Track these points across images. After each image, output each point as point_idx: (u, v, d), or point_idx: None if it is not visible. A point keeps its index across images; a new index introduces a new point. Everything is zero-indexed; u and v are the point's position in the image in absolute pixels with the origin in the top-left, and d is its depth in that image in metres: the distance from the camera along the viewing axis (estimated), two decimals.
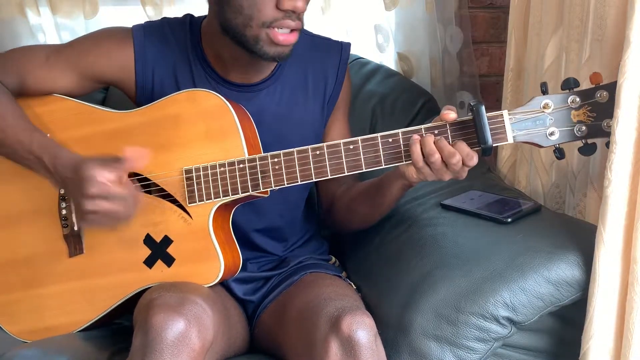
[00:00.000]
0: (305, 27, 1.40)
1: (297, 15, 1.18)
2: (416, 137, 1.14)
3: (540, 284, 1.16)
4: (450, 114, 1.13)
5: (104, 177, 1.13)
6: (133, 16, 1.84)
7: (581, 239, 1.19)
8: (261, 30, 1.18)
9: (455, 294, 1.18)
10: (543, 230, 1.26)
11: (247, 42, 1.20)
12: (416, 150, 1.14)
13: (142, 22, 1.36)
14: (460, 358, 1.17)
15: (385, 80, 1.77)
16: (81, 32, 1.82)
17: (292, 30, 1.20)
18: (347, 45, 1.40)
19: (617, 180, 1.11)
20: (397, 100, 1.72)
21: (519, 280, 1.16)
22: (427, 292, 1.20)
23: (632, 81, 1.07)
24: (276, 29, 1.18)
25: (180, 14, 1.38)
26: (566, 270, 1.16)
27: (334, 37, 1.43)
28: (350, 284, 1.37)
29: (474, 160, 1.13)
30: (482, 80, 1.97)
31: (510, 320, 1.17)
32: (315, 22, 1.84)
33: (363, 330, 1.06)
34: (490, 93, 2.00)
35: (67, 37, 1.83)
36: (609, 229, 1.12)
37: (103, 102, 1.69)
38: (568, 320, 1.23)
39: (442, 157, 1.13)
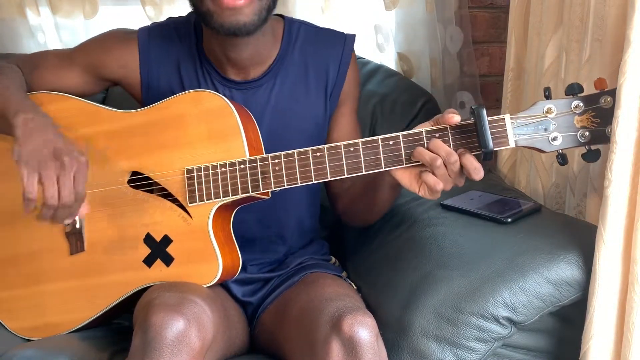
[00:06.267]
0: None
1: None
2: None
3: (540, 284, 1.16)
4: (454, 117, 1.10)
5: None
6: (133, 16, 1.84)
7: (581, 239, 1.19)
8: (208, 1, 1.18)
9: (455, 294, 1.18)
10: (543, 230, 1.26)
11: (207, 21, 1.21)
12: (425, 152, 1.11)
13: (149, 24, 1.38)
14: (460, 358, 1.17)
15: (385, 80, 1.77)
16: (81, 32, 1.83)
17: None
18: (351, 37, 1.37)
19: (618, 180, 1.11)
20: (397, 100, 1.72)
21: (519, 281, 1.16)
22: (427, 293, 1.20)
23: (632, 81, 1.07)
24: None
25: (180, 14, 1.39)
26: (566, 270, 1.16)
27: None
28: (350, 284, 1.37)
29: (480, 174, 1.09)
30: (482, 80, 1.97)
31: (510, 321, 1.17)
32: (316, 22, 1.83)
33: (365, 330, 1.06)
34: (490, 93, 2.00)
35: (66, 37, 1.83)
36: (609, 229, 1.12)
37: (103, 102, 1.69)
38: (568, 320, 1.23)
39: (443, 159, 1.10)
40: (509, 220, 1.30)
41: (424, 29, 1.87)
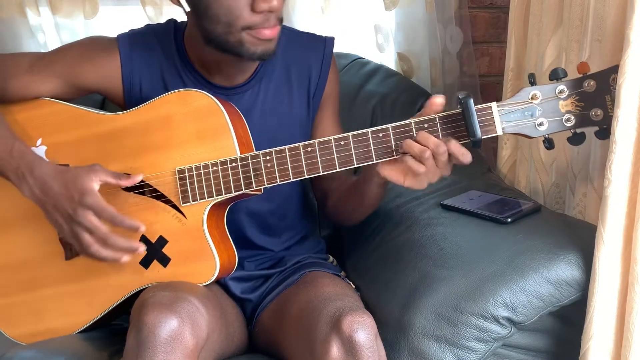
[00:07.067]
0: (305, 27, 1.40)
1: (275, 14, 1.17)
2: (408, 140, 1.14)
3: (540, 284, 1.16)
4: (436, 99, 1.12)
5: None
6: (133, 16, 1.84)
7: (581, 239, 1.19)
8: (242, 33, 1.18)
9: (455, 294, 1.18)
10: (543, 230, 1.26)
11: (232, 47, 1.20)
12: (414, 145, 1.12)
13: (127, 30, 1.35)
14: (460, 358, 1.17)
15: (385, 80, 1.77)
16: (81, 32, 1.82)
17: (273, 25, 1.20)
18: (331, 40, 1.39)
19: (617, 180, 1.11)
20: (397, 100, 1.72)
21: (519, 281, 1.16)
22: (426, 293, 1.20)
23: (632, 81, 1.07)
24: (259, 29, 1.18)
25: (180, 14, 1.38)
26: (566, 270, 1.16)
27: (335, 38, 1.42)
28: (349, 283, 1.37)
29: (468, 158, 1.11)
30: (482, 80, 1.97)
31: (510, 321, 1.17)
32: (315, 22, 1.84)
33: (364, 330, 1.06)
34: (490, 93, 2.00)
35: (67, 37, 1.83)
36: (609, 228, 1.12)
37: (102, 105, 1.68)
38: (568, 320, 1.23)
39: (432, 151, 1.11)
40: (509, 220, 1.30)
41: (424, 29, 1.87)
